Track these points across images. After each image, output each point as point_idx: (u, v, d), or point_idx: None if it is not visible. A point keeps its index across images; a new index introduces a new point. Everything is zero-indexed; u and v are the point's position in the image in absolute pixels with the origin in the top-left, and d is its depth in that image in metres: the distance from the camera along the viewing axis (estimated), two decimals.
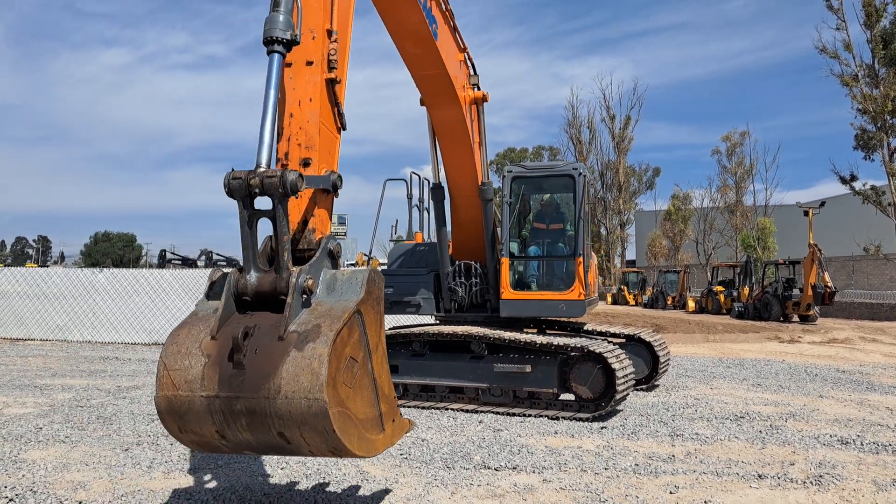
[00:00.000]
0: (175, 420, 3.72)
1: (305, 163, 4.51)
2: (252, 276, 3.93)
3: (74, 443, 6.69)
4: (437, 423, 7.56)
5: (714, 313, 33.45)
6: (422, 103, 8.25)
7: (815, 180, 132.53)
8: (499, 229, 9.25)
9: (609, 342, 8.52)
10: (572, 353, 7.87)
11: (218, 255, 35.44)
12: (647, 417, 7.89)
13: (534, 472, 5.66)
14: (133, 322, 18.13)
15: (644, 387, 9.76)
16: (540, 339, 8.12)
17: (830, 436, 6.88)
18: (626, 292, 50.09)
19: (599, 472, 5.61)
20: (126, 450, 6.42)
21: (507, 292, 8.81)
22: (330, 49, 4.59)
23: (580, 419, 7.68)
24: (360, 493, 5.14)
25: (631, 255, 77.93)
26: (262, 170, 3.84)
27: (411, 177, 9.85)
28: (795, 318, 27.63)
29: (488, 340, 8.29)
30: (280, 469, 5.77)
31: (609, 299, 50.82)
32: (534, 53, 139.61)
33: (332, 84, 4.58)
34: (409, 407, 8.46)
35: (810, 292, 26.05)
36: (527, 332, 8.67)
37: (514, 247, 9.10)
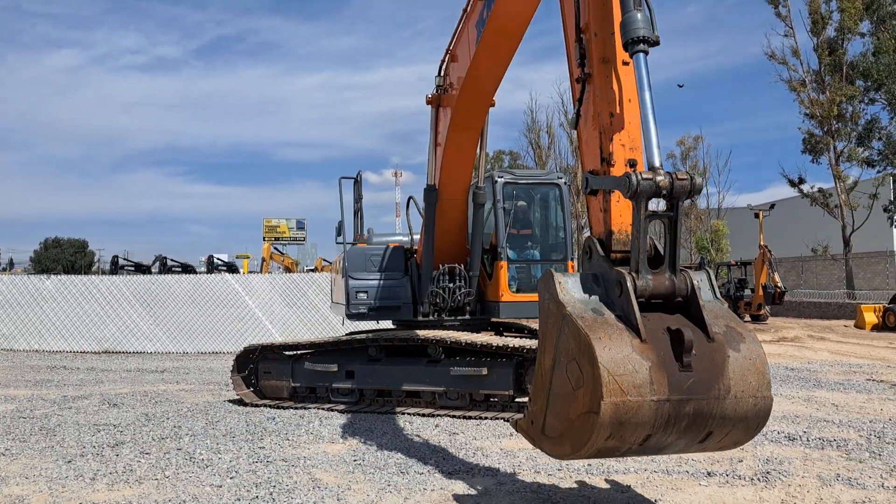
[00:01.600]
0: (611, 428, 3.62)
1: (631, 163, 4.39)
2: (647, 279, 3.95)
3: (14, 455, 6.46)
4: (394, 428, 7.50)
5: None
6: (428, 102, 8.25)
7: (765, 183, 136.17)
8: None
9: None
10: (528, 356, 7.88)
11: (172, 260, 34.70)
12: None
13: (488, 475, 5.64)
14: (82, 330, 17.62)
15: None
16: (496, 341, 8.13)
17: (778, 432, 7.02)
18: None
19: (553, 474, 5.62)
20: (69, 461, 6.21)
21: (507, 295, 8.87)
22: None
23: None
24: (312, 501, 5.06)
25: None
26: (662, 172, 3.88)
27: (360, 176, 9.67)
28: (747, 317, 28.23)
29: (445, 344, 8.26)
30: (230, 478, 5.65)
31: None
32: None
33: None
34: (365, 412, 8.38)
35: (761, 292, 26.68)
36: (483, 335, 8.68)
37: (510, 251, 9.14)
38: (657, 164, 3.97)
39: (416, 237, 9.81)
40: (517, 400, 8.12)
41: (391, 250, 9.45)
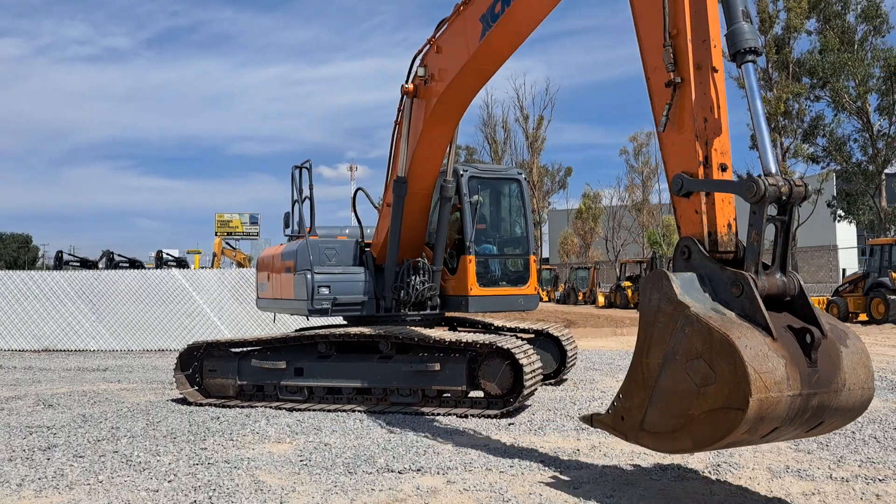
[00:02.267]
0: (753, 423, 3.85)
1: (723, 167, 4.71)
2: (762, 279, 4.25)
3: None
4: (343, 426, 7.29)
5: (622, 308, 34.46)
6: (405, 92, 8.07)
7: None
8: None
9: (518, 338, 8.48)
10: (481, 350, 7.76)
11: (120, 255, 33.68)
12: (554, 412, 7.88)
13: (438, 473, 5.49)
14: (21, 327, 16.92)
15: (553, 381, 9.80)
16: (449, 336, 7.99)
17: None
18: (539, 289, 50.92)
19: (505, 471, 5.50)
20: None
21: (475, 289, 8.78)
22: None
23: (489, 416, 7.59)
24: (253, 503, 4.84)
25: (545, 252, 79.43)
26: (781, 178, 4.21)
27: (310, 164, 9.29)
28: None
29: (396, 340, 8.09)
30: (167, 482, 5.38)
31: None
32: None
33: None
34: (314, 410, 8.15)
35: None
36: (437, 330, 8.53)
37: (477, 245, 9.00)
38: (773, 170, 4.28)
39: (368, 231, 9.60)
40: (470, 395, 8.00)
41: (345, 244, 9.20)
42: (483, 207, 9.43)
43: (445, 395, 8.05)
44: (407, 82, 8.20)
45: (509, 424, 7.30)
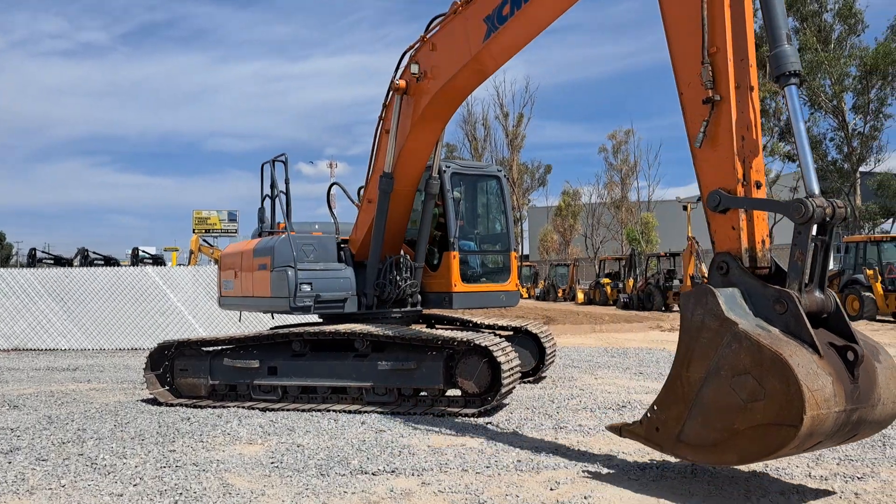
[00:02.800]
0: (803, 439, 4.01)
1: (758, 185, 4.83)
2: (804, 297, 4.40)
3: None
4: (317, 427, 7.14)
5: (601, 304, 34.54)
6: (396, 89, 7.92)
7: (694, 178, 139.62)
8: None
9: (496, 335, 8.38)
10: (458, 348, 7.65)
11: (95, 253, 33.12)
12: (532, 411, 7.79)
13: (413, 474, 5.37)
14: None
15: (531, 379, 9.71)
16: (425, 333, 7.86)
17: None
18: (519, 286, 50.98)
19: (481, 472, 5.39)
20: None
21: (459, 285, 8.70)
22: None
23: (466, 415, 7.49)
24: None
25: (525, 249, 79.62)
26: (825, 200, 4.38)
27: (285, 158, 9.04)
28: (676, 307, 28.89)
29: (372, 338, 7.95)
30: (133, 486, 5.21)
31: None
32: None
33: None
34: (287, 410, 7.98)
35: (689, 283, 27.26)
36: (414, 328, 8.40)
37: (461, 242, 8.91)
38: (816, 191, 4.43)
39: (343, 226, 9.44)
40: (448, 394, 7.88)
41: (323, 240, 9.00)
42: (464, 204, 9.33)
43: (422, 393, 7.93)
44: (397, 78, 8.06)
45: (487, 424, 7.19)
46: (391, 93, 8.17)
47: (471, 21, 7.06)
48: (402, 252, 8.76)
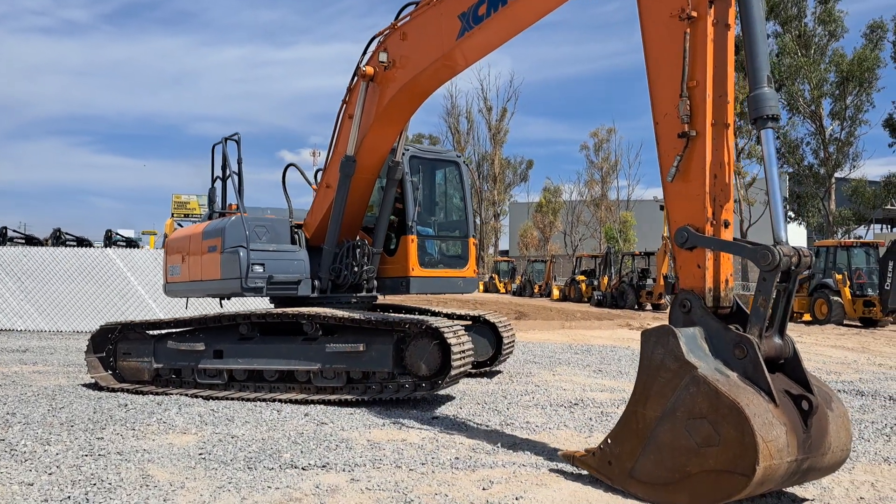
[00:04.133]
0: (754, 487, 4.07)
1: (726, 224, 4.79)
2: (764, 343, 4.41)
3: None
4: (258, 417, 6.91)
5: (576, 301, 34.57)
6: (364, 76, 7.71)
7: None
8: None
9: (447, 319, 8.20)
10: (409, 330, 7.39)
11: (68, 234, 32.54)
12: (482, 406, 7.61)
13: (344, 470, 5.16)
14: None
15: (488, 367, 9.52)
16: (376, 315, 7.63)
17: None
18: (497, 280, 50.95)
19: (415, 468, 5.20)
20: None
21: (417, 270, 8.54)
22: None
23: (415, 399, 7.28)
24: (134, 501, 4.43)
25: (504, 245, 79.58)
26: (791, 248, 4.39)
27: (235, 139, 8.73)
28: (648, 306, 28.94)
29: (321, 320, 7.69)
30: (47, 475, 4.95)
31: (481, 287, 51.49)
32: None
33: None
34: (232, 399, 7.74)
35: (662, 282, 27.31)
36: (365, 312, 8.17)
37: (418, 226, 8.72)
38: (783, 238, 4.45)
39: (299, 210, 9.18)
40: (398, 379, 7.58)
41: (277, 222, 8.74)
42: (423, 189, 9.12)
43: (370, 377, 7.63)
44: (363, 64, 7.83)
45: (433, 418, 7.00)
46: (356, 78, 7.95)
47: (444, 16, 6.86)
48: (357, 237, 8.54)
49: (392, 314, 7.96)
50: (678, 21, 4.84)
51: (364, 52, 7.89)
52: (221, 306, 9.31)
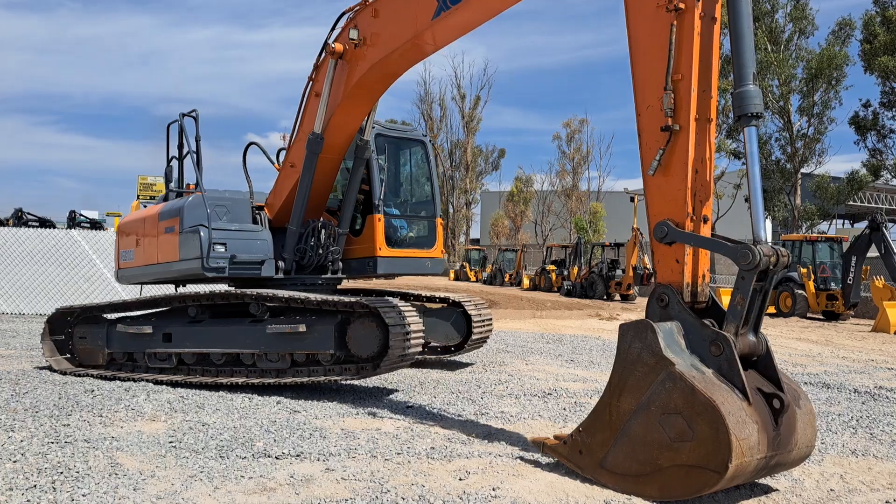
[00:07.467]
0: (725, 483, 4.15)
1: (705, 219, 4.81)
2: (738, 340, 4.45)
3: None
4: (229, 405, 6.80)
5: (546, 291, 34.76)
6: (331, 53, 7.53)
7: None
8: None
9: (390, 299, 7.98)
10: (349, 310, 7.18)
11: (30, 214, 31.72)
12: (457, 395, 7.59)
13: (318, 459, 5.10)
14: None
15: (453, 354, 9.42)
16: (317, 296, 7.41)
17: None
18: (468, 269, 50.99)
19: (391, 458, 5.16)
20: None
21: (384, 250, 8.39)
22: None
23: (355, 379, 7.14)
24: (102, 491, 4.33)
25: (475, 233, 79.68)
26: (771, 248, 4.40)
27: (193, 116, 8.41)
28: (617, 296, 29.21)
29: (265, 301, 7.54)
30: (11, 462, 4.81)
31: (451, 275, 51.50)
32: None
33: None
34: (192, 383, 7.60)
35: (631, 273, 27.58)
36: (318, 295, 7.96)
37: (385, 207, 8.57)
38: (763, 238, 4.46)
39: (260, 190, 8.98)
40: (344, 364, 7.25)
41: (237, 201, 8.46)
42: (389, 168, 8.98)
43: (313, 358, 7.35)
44: (332, 40, 7.65)
45: (407, 407, 6.97)
46: (325, 54, 7.77)
47: None
48: (321, 217, 8.41)
49: (337, 295, 7.76)
50: (665, 12, 4.78)
51: (333, 28, 7.68)
52: (177, 292, 9.10)
